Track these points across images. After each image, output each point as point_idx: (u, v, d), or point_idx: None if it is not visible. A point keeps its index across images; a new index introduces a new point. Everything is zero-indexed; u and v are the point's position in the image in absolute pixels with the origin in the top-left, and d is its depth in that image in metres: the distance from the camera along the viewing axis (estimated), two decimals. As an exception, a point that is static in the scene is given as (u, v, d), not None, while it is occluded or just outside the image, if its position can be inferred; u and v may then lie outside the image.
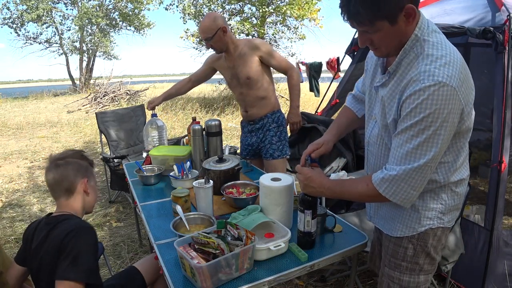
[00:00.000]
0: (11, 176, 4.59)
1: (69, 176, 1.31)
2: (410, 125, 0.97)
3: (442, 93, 0.92)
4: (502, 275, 1.95)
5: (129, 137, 3.98)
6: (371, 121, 1.24)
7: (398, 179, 1.02)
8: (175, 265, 1.27)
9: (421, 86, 0.94)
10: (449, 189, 1.14)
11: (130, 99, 10.99)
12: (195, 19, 9.56)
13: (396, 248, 1.22)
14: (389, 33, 0.98)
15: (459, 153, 1.10)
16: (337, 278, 2.28)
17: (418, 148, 0.97)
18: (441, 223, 1.16)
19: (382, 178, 1.05)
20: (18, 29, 17.22)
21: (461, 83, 0.95)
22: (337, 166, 3.04)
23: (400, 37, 1.00)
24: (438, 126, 0.95)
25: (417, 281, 1.22)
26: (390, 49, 1.04)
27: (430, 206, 1.15)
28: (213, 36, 2.21)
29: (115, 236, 2.95)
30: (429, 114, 0.93)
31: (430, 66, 0.95)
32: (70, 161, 1.33)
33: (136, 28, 18.58)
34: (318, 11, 9.00)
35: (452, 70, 0.94)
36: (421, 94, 0.93)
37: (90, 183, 1.37)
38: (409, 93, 0.97)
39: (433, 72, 0.93)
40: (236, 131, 6.83)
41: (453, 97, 0.93)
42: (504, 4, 2.14)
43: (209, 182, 1.57)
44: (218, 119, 2.26)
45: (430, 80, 0.93)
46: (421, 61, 0.98)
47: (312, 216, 1.30)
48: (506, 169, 1.93)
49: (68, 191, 1.31)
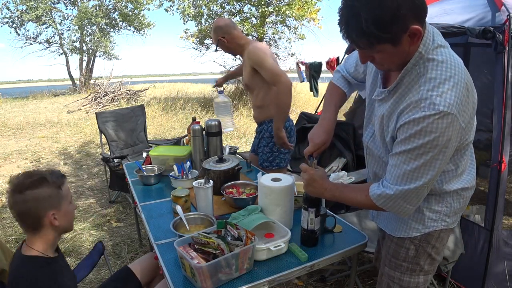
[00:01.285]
0: (11, 176, 4.59)
1: (31, 212, 1.15)
2: (407, 149, 0.96)
3: (442, 122, 0.91)
4: (502, 275, 1.95)
5: (129, 137, 3.98)
6: (370, 126, 1.23)
7: (394, 197, 1.03)
8: (175, 265, 1.27)
9: (421, 114, 0.92)
10: (455, 193, 1.14)
11: (130, 99, 10.99)
12: (195, 20, 9.56)
13: (398, 248, 1.22)
14: (392, 53, 0.94)
15: (460, 162, 1.10)
16: (337, 278, 2.28)
17: (415, 171, 0.97)
18: (445, 225, 1.16)
19: (379, 195, 1.06)
20: (18, 29, 17.22)
21: (462, 107, 0.93)
22: (337, 166, 3.04)
23: (404, 56, 0.97)
24: (436, 152, 0.94)
25: (417, 281, 1.22)
26: (392, 66, 1.01)
27: (435, 208, 1.15)
28: (217, 45, 2.30)
29: (115, 236, 2.95)
30: (428, 141, 0.92)
31: (432, 92, 0.92)
32: (30, 196, 1.13)
33: (136, 28, 18.56)
34: (317, 11, 8.99)
35: (454, 95, 0.91)
36: (421, 122, 0.92)
37: (60, 210, 1.20)
38: (408, 118, 0.95)
39: (434, 100, 0.91)
40: (236, 131, 6.83)
41: (453, 124, 0.92)
42: (504, 4, 2.14)
43: (209, 182, 1.57)
44: (218, 119, 2.26)
45: (431, 110, 0.90)
46: (422, 84, 0.95)
47: (315, 214, 1.32)
48: (506, 169, 1.93)
49: (33, 228, 1.18)
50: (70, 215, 1.28)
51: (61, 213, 1.21)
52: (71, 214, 1.28)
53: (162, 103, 9.47)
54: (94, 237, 2.94)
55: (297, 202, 1.62)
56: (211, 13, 9.49)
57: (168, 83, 18.41)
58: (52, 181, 1.19)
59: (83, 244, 2.83)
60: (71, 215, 1.29)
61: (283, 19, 9.00)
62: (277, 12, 8.78)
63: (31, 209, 1.15)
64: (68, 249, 2.72)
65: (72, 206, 1.29)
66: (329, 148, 3.20)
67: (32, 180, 1.16)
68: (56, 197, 1.20)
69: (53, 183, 1.19)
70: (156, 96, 11.46)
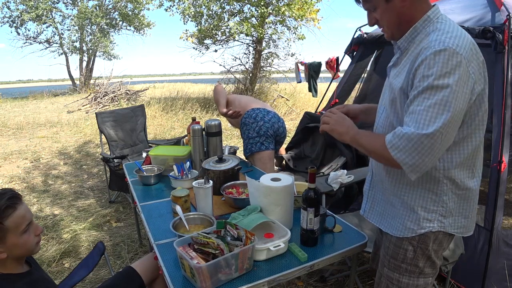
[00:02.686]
0: (11, 176, 4.59)
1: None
2: (421, 90, 0.99)
3: (451, 59, 0.95)
4: (502, 275, 1.95)
5: (129, 137, 3.98)
6: (381, 107, 1.24)
7: (407, 138, 1.00)
8: (174, 265, 1.27)
9: (431, 51, 0.97)
10: (449, 191, 1.11)
11: (130, 99, 10.99)
12: (195, 20, 9.55)
13: (396, 249, 1.21)
14: (386, 9, 1.08)
15: (467, 141, 1.08)
16: (337, 278, 2.28)
17: (428, 111, 0.97)
18: (442, 227, 1.13)
19: (394, 133, 1.03)
20: (18, 28, 17.22)
21: (470, 57, 0.97)
22: (336, 165, 3.04)
23: (398, 15, 1.08)
24: (448, 92, 0.95)
25: (416, 283, 1.21)
26: (392, 28, 1.12)
27: (430, 207, 1.12)
28: None
29: (115, 236, 2.95)
30: (439, 77, 0.95)
31: (441, 36, 0.99)
32: None
33: (136, 28, 18.57)
34: (317, 11, 8.99)
35: (461, 41, 0.98)
36: (431, 59, 0.97)
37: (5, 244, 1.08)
38: (420, 60, 1.00)
39: (443, 40, 0.98)
40: (236, 131, 6.82)
41: (462, 66, 0.95)
42: (504, 4, 2.14)
43: (208, 182, 1.57)
44: (218, 119, 2.26)
45: (440, 45, 0.96)
46: (432, 34, 1.03)
47: (314, 214, 1.32)
48: (506, 169, 1.93)
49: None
50: (25, 244, 1.12)
51: (6, 247, 1.08)
52: (27, 243, 1.12)
53: (162, 103, 9.47)
54: (94, 237, 2.94)
55: (297, 202, 1.62)
56: (211, 13, 9.49)
57: (168, 83, 18.41)
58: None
59: (83, 244, 2.83)
60: (27, 244, 1.13)
61: (283, 19, 8.99)
62: (277, 13, 8.77)
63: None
64: (68, 249, 2.72)
65: (28, 235, 1.12)
66: (330, 147, 3.21)
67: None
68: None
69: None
70: (156, 96, 11.45)
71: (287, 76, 10.29)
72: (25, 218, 1.12)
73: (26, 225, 1.12)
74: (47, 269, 2.48)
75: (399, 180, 1.17)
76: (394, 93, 1.11)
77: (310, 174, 1.32)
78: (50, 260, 2.58)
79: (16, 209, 1.10)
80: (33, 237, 1.15)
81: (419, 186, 1.13)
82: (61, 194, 3.93)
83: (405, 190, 1.16)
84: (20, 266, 1.17)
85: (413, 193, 1.14)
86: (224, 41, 10.13)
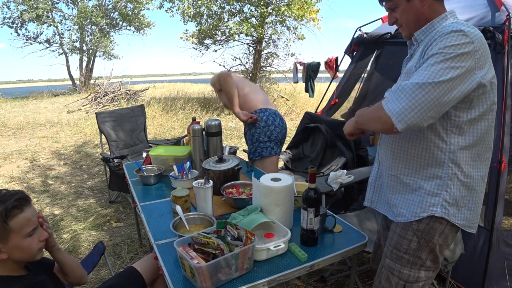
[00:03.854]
0: (11, 176, 4.59)
1: None
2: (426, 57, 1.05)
3: (462, 39, 1.02)
4: (502, 275, 1.95)
5: (129, 137, 3.98)
6: None
7: (400, 88, 1.04)
8: (174, 265, 1.27)
9: (445, 31, 1.05)
10: (454, 177, 1.13)
11: (130, 99, 10.99)
12: (195, 20, 9.56)
13: (400, 239, 1.22)
14: (406, 9, 1.17)
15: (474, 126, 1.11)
16: (337, 278, 2.28)
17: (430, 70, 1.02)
18: (446, 214, 1.14)
19: (389, 90, 1.09)
20: (19, 29, 17.21)
21: (479, 45, 1.04)
22: (336, 165, 3.04)
23: (417, 15, 1.16)
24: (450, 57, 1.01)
25: (417, 275, 1.21)
26: (410, 26, 1.20)
27: (434, 191, 1.15)
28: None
29: (115, 236, 2.95)
30: (445, 47, 1.02)
31: (455, 24, 1.07)
32: None
33: (136, 28, 18.57)
34: (317, 11, 8.99)
35: (474, 31, 1.05)
36: (443, 37, 1.04)
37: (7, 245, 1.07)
38: (434, 39, 1.07)
39: (457, 25, 1.05)
40: (236, 131, 6.82)
41: (469, 47, 1.02)
42: (504, 4, 2.14)
43: (209, 182, 1.57)
44: (218, 119, 2.26)
45: (453, 27, 1.05)
46: (445, 23, 1.13)
47: (315, 214, 1.32)
48: (506, 169, 1.93)
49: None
50: (28, 248, 1.10)
51: (8, 248, 1.07)
52: (29, 247, 1.11)
53: (162, 103, 9.47)
54: (94, 237, 2.94)
55: (297, 202, 1.62)
56: (211, 13, 9.49)
57: (168, 83, 18.40)
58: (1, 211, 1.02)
59: (83, 244, 2.83)
60: (29, 249, 1.11)
61: (283, 19, 8.99)
62: (277, 13, 8.77)
63: None
64: (68, 249, 2.72)
65: (31, 239, 1.11)
66: (330, 147, 3.21)
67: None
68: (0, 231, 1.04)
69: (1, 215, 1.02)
70: (156, 96, 11.45)
71: (287, 76, 10.28)
72: (31, 221, 1.11)
73: (32, 229, 1.11)
74: (47, 269, 2.48)
75: (404, 164, 1.20)
76: (407, 75, 1.14)
77: (310, 174, 1.33)
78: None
79: (23, 210, 1.08)
80: (36, 243, 1.13)
81: (424, 169, 1.16)
82: (61, 194, 3.93)
83: (411, 174, 1.19)
84: (20, 269, 1.15)
85: (418, 176, 1.18)
86: (224, 41, 10.14)
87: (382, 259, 1.33)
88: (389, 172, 1.27)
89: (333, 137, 3.15)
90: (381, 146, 1.33)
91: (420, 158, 1.17)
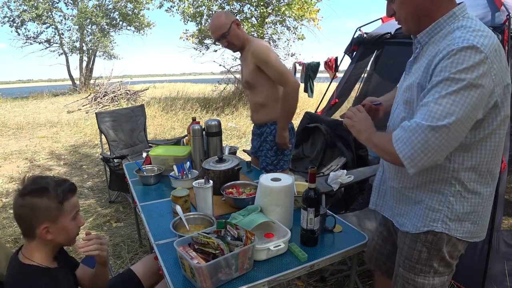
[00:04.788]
0: (11, 176, 4.59)
1: (26, 218, 1.12)
2: (435, 82, 0.96)
3: (474, 57, 0.91)
4: (502, 275, 1.95)
5: (129, 137, 3.98)
6: (395, 104, 1.24)
7: (412, 129, 0.97)
8: (175, 265, 1.27)
9: (454, 47, 0.93)
10: (458, 193, 1.08)
11: (130, 99, 10.99)
12: (194, 20, 9.55)
13: (411, 251, 1.21)
14: (403, 2, 1.07)
15: (482, 145, 1.04)
16: (337, 278, 2.28)
17: (441, 104, 0.93)
18: (447, 229, 1.11)
19: (401, 126, 1.01)
20: (19, 28, 17.22)
21: (494, 58, 0.93)
22: (336, 165, 3.04)
23: (416, 8, 1.05)
24: (463, 86, 0.91)
25: (432, 283, 1.20)
26: (408, 21, 1.10)
27: (435, 207, 1.11)
28: (228, 30, 2.14)
29: (115, 236, 2.95)
30: (457, 71, 0.92)
31: (466, 34, 0.95)
32: (27, 202, 1.11)
33: (136, 28, 18.58)
34: (317, 11, 8.98)
35: (487, 41, 0.93)
36: (453, 54, 0.93)
37: (56, 225, 1.15)
38: (441, 56, 0.96)
39: (468, 38, 0.93)
40: (236, 131, 6.82)
41: (484, 66, 0.91)
42: (504, 4, 2.14)
43: (209, 182, 1.57)
44: (218, 119, 2.26)
45: (464, 43, 0.92)
46: (456, 31, 0.99)
47: (315, 214, 1.32)
48: (506, 169, 1.93)
49: (27, 234, 1.15)
50: (70, 231, 1.20)
51: (56, 228, 1.15)
52: (71, 231, 1.20)
53: (162, 103, 9.47)
54: (94, 237, 2.94)
55: (297, 202, 1.62)
56: (211, 13, 9.49)
57: (168, 83, 18.41)
58: (54, 195, 1.13)
59: (83, 244, 2.83)
60: (72, 232, 1.20)
61: (283, 19, 8.99)
62: (277, 13, 8.77)
63: (27, 215, 1.12)
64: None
65: (75, 223, 1.21)
66: (330, 147, 3.21)
67: (34, 188, 1.13)
68: (54, 210, 1.13)
69: (55, 197, 1.13)
70: (156, 96, 11.46)
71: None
72: (77, 206, 1.22)
73: (76, 212, 1.21)
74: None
75: (406, 177, 1.17)
76: (411, 89, 1.08)
77: (310, 174, 1.33)
78: (50, 260, 2.58)
79: (74, 195, 1.21)
80: (76, 228, 1.23)
81: (426, 185, 1.13)
82: (61, 194, 3.93)
83: (412, 188, 1.17)
84: (53, 260, 1.21)
85: (420, 190, 1.15)
86: (224, 41, 10.12)
87: (395, 267, 1.30)
88: (391, 184, 1.26)
89: (333, 137, 3.15)
90: None
91: (422, 175, 1.12)
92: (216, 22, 2.17)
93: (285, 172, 2.41)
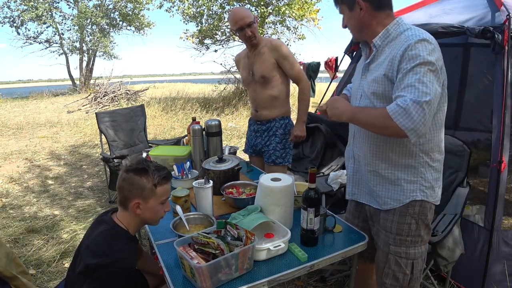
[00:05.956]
0: (11, 176, 4.59)
1: (124, 190, 1.31)
2: (410, 67, 1.15)
3: (428, 45, 1.17)
4: (502, 275, 1.95)
5: (129, 137, 3.98)
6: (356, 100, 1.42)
7: (410, 106, 1.12)
8: (175, 265, 1.27)
9: (413, 40, 1.18)
10: (426, 164, 1.31)
11: (130, 99, 10.99)
12: (194, 20, 9.55)
13: (400, 226, 1.35)
14: (349, 16, 1.33)
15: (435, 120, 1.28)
16: (337, 278, 2.28)
17: (424, 82, 1.12)
18: (425, 196, 1.32)
19: (396, 104, 1.15)
20: (19, 28, 17.22)
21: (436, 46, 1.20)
22: (336, 165, 3.05)
23: (358, 22, 1.31)
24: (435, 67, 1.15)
25: (420, 251, 1.38)
26: (354, 31, 1.37)
27: (411, 179, 1.31)
28: (254, 20, 2.25)
29: (115, 236, 2.95)
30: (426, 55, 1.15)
31: (416, 32, 1.22)
32: (129, 178, 1.30)
33: (136, 28, 18.59)
34: (317, 11, 8.99)
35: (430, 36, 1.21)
36: (414, 47, 1.17)
37: (146, 203, 1.31)
38: (403, 48, 1.19)
39: (418, 34, 1.20)
40: (236, 131, 6.83)
41: (437, 53, 1.18)
42: (504, 4, 2.14)
43: (209, 182, 1.57)
44: (218, 119, 2.26)
45: (418, 37, 1.18)
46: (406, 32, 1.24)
47: (315, 214, 1.32)
48: (506, 169, 1.93)
49: (122, 205, 1.34)
50: (157, 213, 1.35)
51: (145, 206, 1.31)
52: (157, 213, 1.36)
53: (162, 103, 9.47)
54: (94, 237, 2.94)
55: (297, 202, 1.62)
56: (211, 13, 9.49)
57: (168, 83, 18.41)
58: (151, 177, 1.30)
59: (83, 244, 2.83)
60: (158, 214, 1.36)
61: (283, 19, 8.99)
62: (277, 13, 8.77)
63: (125, 188, 1.30)
64: (68, 249, 2.72)
65: (162, 207, 1.35)
66: (330, 147, 3.21)
67: (138, 167, 1.31)
68: (148, 191, 1.29)
69: (151, 179, 1.30)
70: (156, 96, 11.45)
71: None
72: (168, 193, 1.37)
73: (165, 198, 1.36)
74: (47, 269, 2.49)
75: (382, 159, 1.34)
76: (378, 82, 1.27)
77: (310, 174, 1.33)
78: (50, 260, 2.58)
79: (167, 182, 1.36)
80: (163, 211, 1.37)
81: (399, 162, 1.31)
82: (60, 194, 3.93)
83: (388, 168, 1.34)
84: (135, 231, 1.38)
85: (395, 168, 1.33)
86: (224, 41, 10.13)
87: (382, 248, 1.42)
88: (368, 168, 1.40)
89: (333, 137, 3.15)
90: (355, 144, 1.45)
91: (394, 153, 1.31)
92: (243, 11, 2.31)
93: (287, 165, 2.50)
